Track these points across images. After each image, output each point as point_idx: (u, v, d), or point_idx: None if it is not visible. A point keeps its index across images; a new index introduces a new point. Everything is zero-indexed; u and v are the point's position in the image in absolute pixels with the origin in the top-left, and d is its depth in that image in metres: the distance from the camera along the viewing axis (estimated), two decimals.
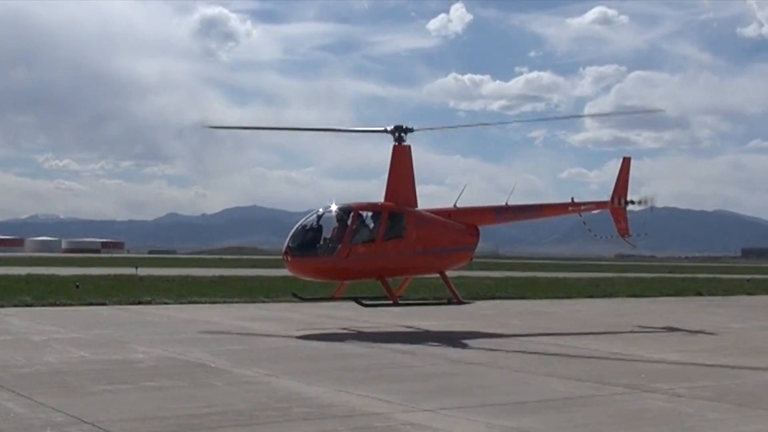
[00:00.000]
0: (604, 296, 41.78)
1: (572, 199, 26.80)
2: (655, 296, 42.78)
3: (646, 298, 41.56)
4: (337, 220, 22.35)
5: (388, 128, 23.40)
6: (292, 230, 22.33)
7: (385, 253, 22.47)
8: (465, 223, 24.39)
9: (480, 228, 24.83)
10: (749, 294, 47.75)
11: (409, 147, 23.55)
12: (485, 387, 13.09)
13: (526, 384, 13.43)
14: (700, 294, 45.63)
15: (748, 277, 73.58)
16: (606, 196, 27.55)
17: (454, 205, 24.86)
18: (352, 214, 22.35)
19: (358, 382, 13.18)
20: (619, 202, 27.27)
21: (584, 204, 27.10)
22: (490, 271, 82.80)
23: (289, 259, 21.85)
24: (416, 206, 23.65)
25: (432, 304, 27.62)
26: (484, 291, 41.16)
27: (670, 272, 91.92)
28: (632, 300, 39.86)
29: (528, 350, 18.12)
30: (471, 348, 18.56)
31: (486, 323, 24.95)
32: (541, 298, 39.26)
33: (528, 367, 15.43)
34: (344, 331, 22.23)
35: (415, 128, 23.39)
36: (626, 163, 28.04)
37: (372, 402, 11.40)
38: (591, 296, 41.58)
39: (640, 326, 24.49)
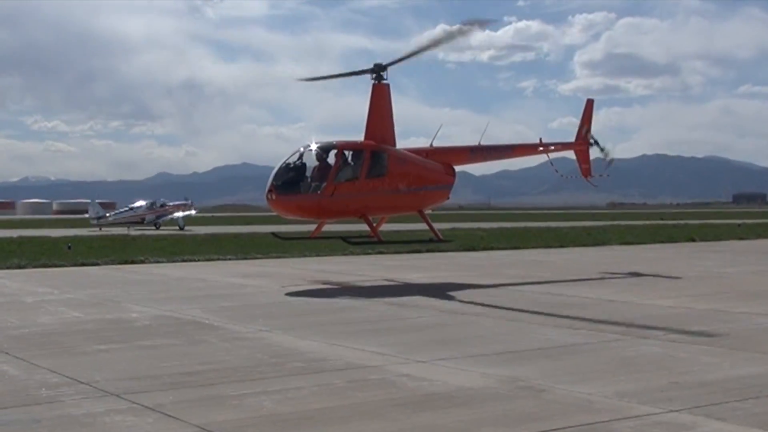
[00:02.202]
0: (597, 245, 41.89)
1: (540, 139, 27.73)
2: (647, 243, 42.92)
3: (638, 245, 41.69)
4: (321, 159, 22.29)
5: (367, 68, 23.34)
6: (275, 168, 22.17)
7: (368, 191, 22.60)
8: (441, 162, 24.65)
9: (455, 167, 25.18)
10: (741, 239, 47.98)
11: (388, 85, 23.46)
12: (479, 337, 13.11)
13: (520, 333, 13.45)
14: (692, 240, 45.86)
15: (739, 222, 73.94)
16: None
17: (431, 145, 25.11)
18: (335, 152, 22.31)
19: (352, 336, 13.20)
20: (583, 143, 28.15)
21: (552, 144, 28.01)
22: (482, 222, 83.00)
23: (273, 197, 21.75)
24: (395, 145, 23.70)
25: (414, 242, 28.09)
26: (476, 242, 41.25)
27: (661, 219, 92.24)
28: (625, 248, 39.97)
29: (521, 300, 18.17)
30: (464, 299, 18.59)
31: (479, 274, 24.99)
32: (533, 248, 39.34)
33: (522, 317, 15.47)
34: (336, 286, 22.24)
35: (385, 63, 23.27)
36: (589, 105, 28.66)
37: (366, 355, 11.41)
38: (583, 245, 41.68)
39: (633, 273, 24.58)
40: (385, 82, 23.36)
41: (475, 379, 9.77)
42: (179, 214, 68.02)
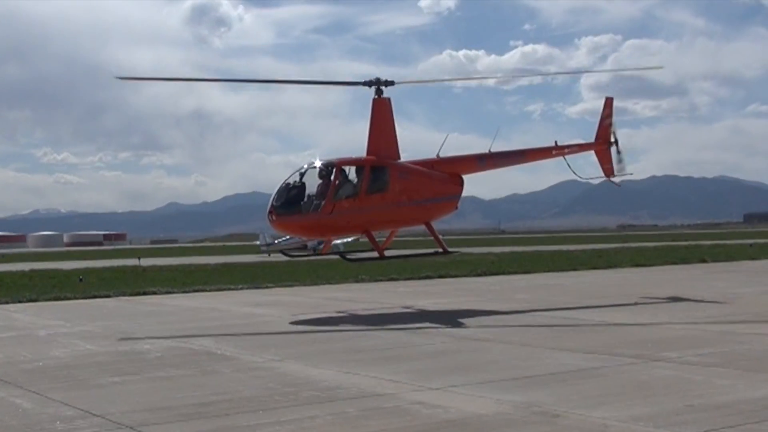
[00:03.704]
0: (608, 267, 41.76)
1: (555, 142, 26.72)
2: (659, 265, 42.75)
3: (650, 267, 41.52)
4: (320, 176, 22.18)
5: (368, 81, 23.13)
6: (276, 188, 22.15)
7: (370, 207, 22.29)
8: (448, 172, 24.16)
9: (465, 176, 24.57)
10: (753, 259, 47.73)
11: (389, 99, 23.27)
12: (492, 362, 13.07)
13: (535, 358, 13.40)
14: (704, 261, 45.60)
15: (751, 241, 73.59)
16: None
17: (437, 156, 24.64)
18: (334, 169, 22.10)
19: (365, 364, 13.18)
20: (604, 143, 27.10)
21: (568, 147, 27.04)
22: (494, 246, 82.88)
23: (273, 218, 21.78)
24: (398, 158, 23.42)
25: (418, 256, 27.76)
26: (488, 267, 41.15)
27: (673, 240, 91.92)
28: (637, 270, 39.83)
29: (534, 324, 18.13)
30: (476, 324, 18.55)
31: (491, 299, 24.93)
32: (545, 271, 39.22)
33: (535, 341, 15.41)
34: (348, 314, 22.21)
35: (396, 81, 23.20)
36: (608, 102, 27.66)
37: (380, 383, 11.38)
38: (595, 268, 41.55)
39: (645, 296, 24.46)
40: (385, 96, 23.22)
41: (490, 406, 9.73)
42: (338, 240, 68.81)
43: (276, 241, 66.20)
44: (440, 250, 24.02)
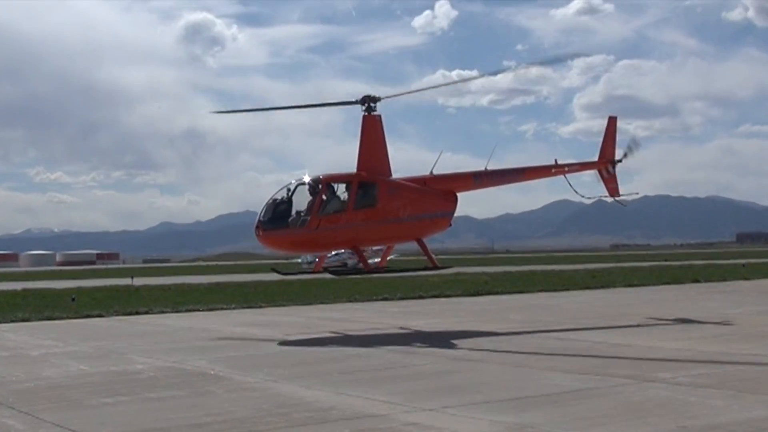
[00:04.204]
0: (601, 287, 41.78)
1: (555, 161, 26.53)
2: (652, 285, 42.79)
3: (643, 287, 41.56)
4: (306, 193, 22.24)
5: (357, 99, 23.23)
6: (264, 204, 22.17)
7: (357, 222, 22.27)
8: (442, 189, 24.07)
9: (459, 194, 24.48)
10: (746, 279, 47.81)
11: (380, 116, 23.32)
12: (486, 384, 13.04)
13: (527, 379, 13.38)
14: (696, 281, 45.67)
15: (743, 261, 73.74)
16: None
17: (431, 172, 24.55)
18: (321, 185, 22.14)
19: (358, 384, 13.14)
20: (609, 162, 26.94)
21: (569, 165, 26.80)
22: (487, 266, 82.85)
23: (260, 233, 21.80)
24: (390, 175, 23.37)
25: (409, 270, 27.75)
26: (481, 287, 41.12)
27: (666, 260, 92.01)
28: (630, 290, 39.86)
29: (527, 345, 18.09)
30: (470, 345, 18.52)
31: (484, 319, 24.91)
32: (538, 291, 39.20)
33: (528, 362, 15.39)
34: (341, 334, 22.16)
35: (381, 97, 23.26)
36: (612, 122, 27.60)
37: (373, 404, 11.34)
38: (588, 287, 41.56)
39: (639, 316, 24.46)
40: (375, 113, 23.27)
41: (484, 427, 9.71)
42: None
43: (316, 260, 66.53)
44: (431, 266, 23.88)
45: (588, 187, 27.81)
